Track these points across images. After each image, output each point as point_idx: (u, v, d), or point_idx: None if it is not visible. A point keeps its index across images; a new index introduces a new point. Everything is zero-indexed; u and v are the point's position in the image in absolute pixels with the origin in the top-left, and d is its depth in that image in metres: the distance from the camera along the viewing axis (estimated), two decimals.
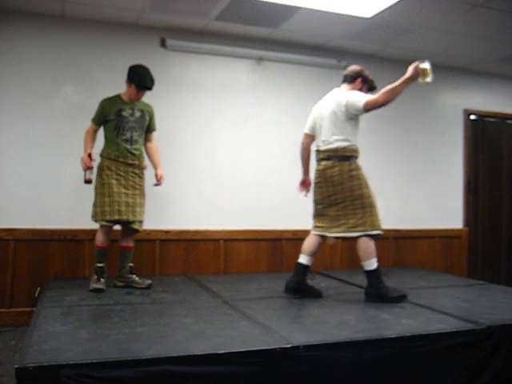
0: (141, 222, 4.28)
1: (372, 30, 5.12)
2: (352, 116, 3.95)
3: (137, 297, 3.97)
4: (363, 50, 5.75)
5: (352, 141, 3.97)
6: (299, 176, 4.54)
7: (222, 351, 2.62)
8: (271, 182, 5.47)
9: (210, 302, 3.86)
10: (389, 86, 3.79)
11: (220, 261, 5.26)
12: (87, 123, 4.60)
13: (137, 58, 5.00)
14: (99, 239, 4.19)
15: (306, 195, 4.42)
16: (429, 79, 3.79)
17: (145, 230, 4.74)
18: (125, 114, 4.18)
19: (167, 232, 5.06)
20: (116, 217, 4.11)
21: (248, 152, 5.40)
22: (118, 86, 4.91)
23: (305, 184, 4.46)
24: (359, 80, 4.17)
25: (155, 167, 4.43)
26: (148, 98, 4.34)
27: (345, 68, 5.72)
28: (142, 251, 4.92)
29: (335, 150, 3.97)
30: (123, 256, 4.35)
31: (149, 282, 4.29)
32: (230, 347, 2.67)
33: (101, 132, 4.28)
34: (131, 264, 4.36)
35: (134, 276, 4.32)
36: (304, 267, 4.08)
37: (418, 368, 3.00)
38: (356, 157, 4.00)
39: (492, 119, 6.63)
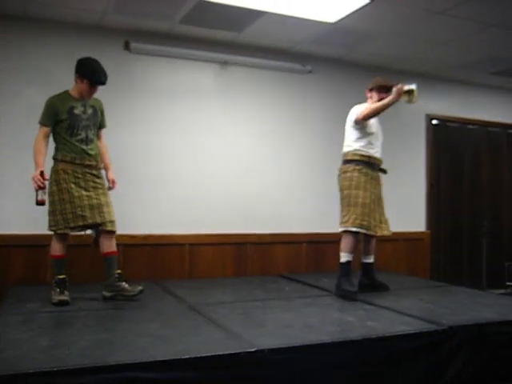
0: (112, 221, 3.95)
1: (336, 35, 5.17)
2: (353, 125, 4.36)
3: (100, 303, 3.90)
4: (328, 55, 5.81)
5: (355, 146, 4.35)
6: (264, 179, 4.56)
7: (187, 356, 2.59)
8: (236, 186, 5.47)
9: (175, 307, 3.83)
10: (373, 105, 4.27)
11: (185, 265, 5.22)
12: None
13: (100, 60, 4.92)
14: (56, 248, 3.91)
15: None
16: (414, 100, 4.12)
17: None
18: (77, 111, 3.87)
19: (132, 237, 5.00)
20: (80, 222, 3.84)
21: (212, 156, 5.39)
22: None
23: None
24: (372, 93, 4.48)
25: (106, 169, 4.14)
26: (110, 101, 4.28)
27: (310, 72, 5.82)
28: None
29: (343, 155, 4.47)
30: (108, 263, 3.99)
31: (140, 288, 3.94)
32: (194, 352, 2.64)
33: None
34: (119, 271, 3.98)
35: (124, 283, 3.95)
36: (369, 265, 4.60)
37: (382, 369, 3.03)
38: (358, 161, 4.31)
39: (453, 124, 6.77)
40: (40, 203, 3.72)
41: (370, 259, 4.59)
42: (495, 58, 5.81)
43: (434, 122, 6.62)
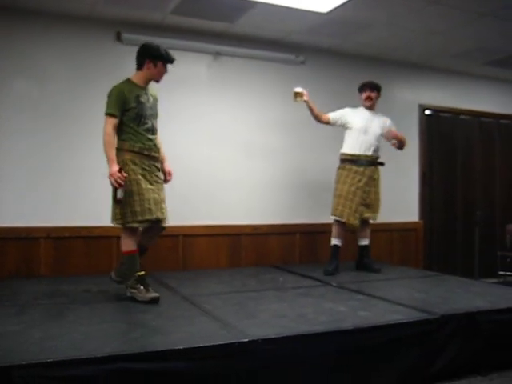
0: (166, 219, 3.83)
1: (329, 25, 5.15)
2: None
3: (93, 294, 3.90)
4: (321, 45, 5.79)
5: (344, 148, 5.03)
6: (257, 170, 4.57)
7: (181, 347, 2.60)
8: (230, 177, 5.47)
9: (169, 298, 3.83)
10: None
11: (179, 256, 5.22)
12: (37, 117, 4.50)
13: (91, 51, 4.94)
14: (129, 244, 3.67)
15: None
16: (299, 100, 4.82)
17: (102, 227, 4.68)
18: (143, 100, 3.69)
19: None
20: (147, 216, 3.63)
21: (206, 147, 5.37)
22: (72, 79, 4.86)
23: None
24: (361, 95, 5.06)
25: (162, 161, 3.94)
26: (102, 93, 4.22)
27: (302, 63, 5.81)
28: (100, 248, 4.85)
29: None
30: (142, 256, 3.87)
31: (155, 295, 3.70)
32: (188, 343, 2.66)
33: None
34: (142, 272, 3.77)
35: (141, 287, 3.72)
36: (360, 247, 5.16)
37: (375, 358, 3.05)
38: (342, 160, 5.01)
39: (446, 114, 6.78)
40: (119, 201, 3.58)
41: (360, 242, 5.12)
42: (489, 48, 5.80)
43: (427, 112, 6.63)
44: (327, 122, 5.00)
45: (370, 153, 4.92)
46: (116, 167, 3.54)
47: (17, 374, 2.28)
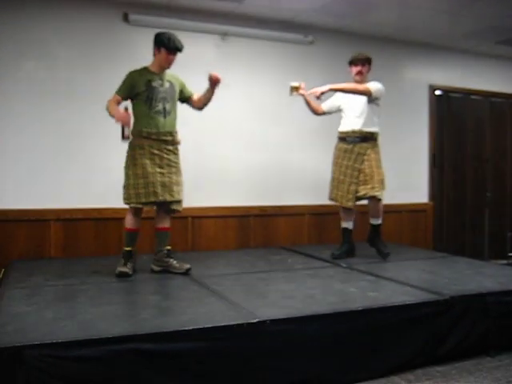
0: (179, 201, 4.06)
1: (338, 5, 5.08)
2: None
3: (103, 276, 3.91)
4: (330, 25, 5.72)
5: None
6: (265, 152, 4.54)
7: (190, 327, 2.63)
8: (238, 159, 5.45)
9: (178, 280, 3.85)
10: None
11: (188, 238, 5.24)
12: (47, 99, 4.50)
13: (99, 33, 4.91)
14: (129, 221, 3.96)
15: None
16: (295, 94, 4.64)
17: (112, 209, 4.70)
18: (155, 84, 3.94)
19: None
20: (152, 199, 3.88)
21: (214, 129, 5.35)
22: (80, 61, 4.85)
23: None
24: (352, 69, 4.84)
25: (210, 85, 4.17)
26: (109, 74, 4.24)
27: (311, 43, 5.75)
28: (108, 229, 4.87)
29: None
30: (159, 238, 4.10)
31: (187, 266, 4.03)
32: (197, 323, 2.68)
33: None
34: (169, 247, 4.09)
35: (172, 260, 4.06)
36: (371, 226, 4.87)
37: (385, 339, 3.07)
38: (338, 139, 4.89)
39: (456, 94, 6.71)
40: (126, 138, 3.83)
41: (373, 221, 4.80)
42: (499, 27, 5.71)
43: (437, 92, 6.56)
44: (323, 113, 4.95)
45: (358, 127, 4.69)
46: (119, 110, 3.78)
47: (28, 354, 2.31)
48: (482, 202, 6.47)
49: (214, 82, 4.13)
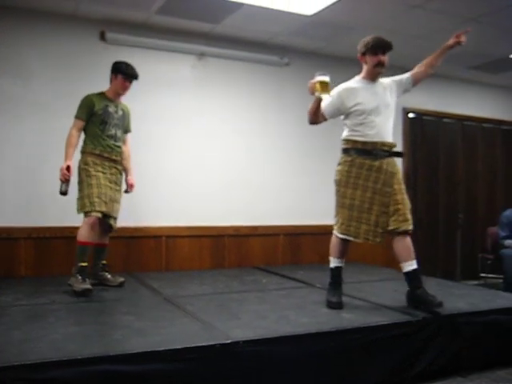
0: (116, 219, 4.17)
1: (314, 28, 5.17)
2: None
3: (75, 295, 3.85)
4: (306, 47, 5.80)
5: (345, 132, 3.73)
6: (240, 172, 4.52)
7: (162, 348, 2.59)
8: (213, 179, 5.45)
9: (151, 299, 3.82)
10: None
11: (162, 258, 5.20)
12: (23, 116, 4.46)
13: (75, 50, 4.91)
14: (84, 234, 3.91)
15: None
16: (324, 93, 3.59)
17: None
18: (111, 110, 4.10)
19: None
20: (103, 208, 3.96)
21: (189, 148, 5.36)
22: (56, 78, 4.82)
23: None
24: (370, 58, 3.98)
25: (126, 173, 4.33)
26: (85, 92, 4.20)
27: (287, 65, 5.81)
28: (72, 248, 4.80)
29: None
30: (97, 253, 4.19)
31: (121, 279, 4.20)
32: (169, 344, 2.64)
33: None
34: (104, 261, 4.23)
35: (107, 274, 4.21)
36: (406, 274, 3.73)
37: (358, 360, 3.06)
38: (349, 150, 3.65)
39: (429, 117, 6.83)
40: (64, 193, 3.88)
41: (406, 267, 3.70)
42: (473, 53, 5.85)
43: (411, 115, 6.67)
44: (324, 120, 3.84)
45: (388, 139, 3.71)
46: (66, 164, 3.88)
47: None
48: (454, 224, 6.55)
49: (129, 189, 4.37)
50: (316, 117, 3.79)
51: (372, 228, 3.64)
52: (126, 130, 4.36)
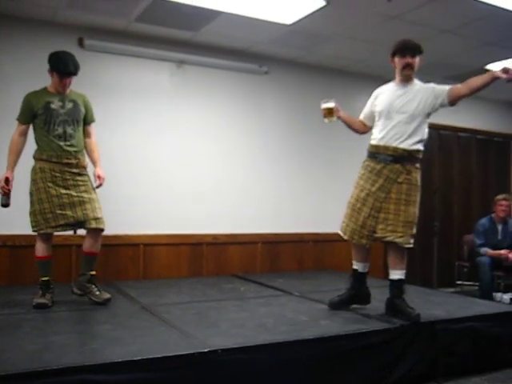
0: (97, 218, 3.79)
1: (292, 37, 5.20)
2: None
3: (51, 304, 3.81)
4: (285, 56, 5.84)
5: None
6: (219, 180, 4.50)
7: (139, 358, 2.57)
8: (191, 186, 5.44)
9: (129, 308, 3.78)
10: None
11: (139, 266, 5.16)
12: (2, 123, 4.42)
13: None
14: (40, 249, 3.74)
15: None
16: (334, 119, 3.79)
17: (61, 236, 4.58)
18: (54, 106, 3.72)
19: (84, 237, 4.90)
20: (61, 221, 3.68)
21: (167, 156, 5.34)
22: (34, 85, 4.73)
23: None
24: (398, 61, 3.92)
25: (94, 166, 3.96)
26: None
27: (266, 73, 5.83)
28: (57, 257, 4.71)
29: None
30: (85, 262, 3.90)
31: (107, 296, 3.84)
32: (147, 353, 2.62)
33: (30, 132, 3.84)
34: (93, 272, 3.88)
35: (93, 287, 3.86)
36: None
37: (337, 367, 3.07)
38: (368, 153, 3.76)
39: None
40: (4, 206, 3.71)
41: (391, 275, 3.71)
42: (448, 64, 5.95)
43: None
44: (370, 126, 3.89)
45: (396, 144, 3.62)
46: (5, 176, 3.68)
47: None
48: (430, 232, 6.62)
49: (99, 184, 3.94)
50: (355, 130, 4.00)
51: (358, 228, 3.63)
52: (88, 121, 3.95)
